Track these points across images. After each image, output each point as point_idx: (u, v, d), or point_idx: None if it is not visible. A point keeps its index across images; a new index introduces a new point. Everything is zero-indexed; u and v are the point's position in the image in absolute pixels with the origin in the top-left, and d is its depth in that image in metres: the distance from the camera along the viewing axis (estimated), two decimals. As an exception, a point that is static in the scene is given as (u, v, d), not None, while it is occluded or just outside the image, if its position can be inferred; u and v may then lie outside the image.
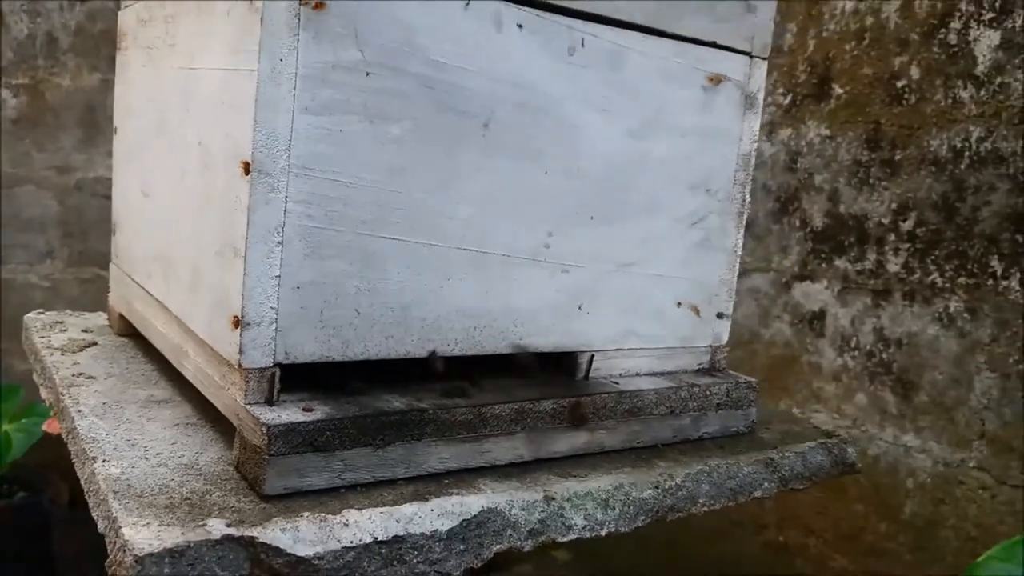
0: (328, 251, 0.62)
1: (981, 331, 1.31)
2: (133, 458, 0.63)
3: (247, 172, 0.58)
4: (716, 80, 0.75)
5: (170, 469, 0.62)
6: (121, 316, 0.91)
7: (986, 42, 1.31)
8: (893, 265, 1.42)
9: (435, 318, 0.67)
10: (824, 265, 1.52)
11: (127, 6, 0.89)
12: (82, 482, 0.64)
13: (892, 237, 1.42)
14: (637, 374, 0.78)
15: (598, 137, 0.71)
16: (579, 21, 0.68)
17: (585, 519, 0.63)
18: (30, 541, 2.09)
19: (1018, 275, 1.27)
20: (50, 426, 1.86)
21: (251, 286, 0.59)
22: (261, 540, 0.53)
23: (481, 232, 0.68)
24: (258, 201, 0.58)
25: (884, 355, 1.44)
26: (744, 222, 0.80)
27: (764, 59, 0.78)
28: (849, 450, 0.80)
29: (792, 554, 1.60)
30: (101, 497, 0.58)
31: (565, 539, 0.62)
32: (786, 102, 1.59)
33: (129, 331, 0.92)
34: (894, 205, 1.42)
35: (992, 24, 1.31)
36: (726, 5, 0.74)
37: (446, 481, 0.63)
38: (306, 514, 0.56)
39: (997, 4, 1.30)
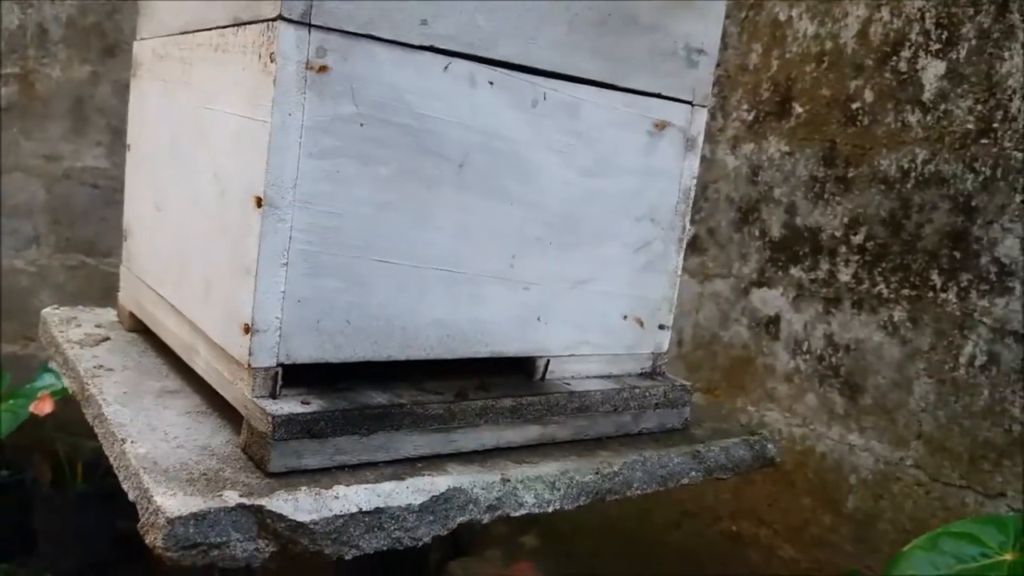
0: (325, 271, 0.77)
1: (921, 339, 1.47)
2: (155, 440, 0.78)
3: (259, 205, 0.73)
4: (661, 126, 0.91)
5: (188, 450, 0.77)
6: (131, 314, 1.06)
7: (933, 71, 1.47)
8: (844, 275, 1.58)
9: (414, 327, 0.83)
10: (780, 273, 1.69)
11: (142, 39, 1.03)
12: (111, 459, 0.79)
13: (843, 249, 1.58)
14: (587, 376, 0.94)
15: (557, 176, 0.87)
16: (541, 78, 0.84)
17: (535, 498, 0.79)
18: (13, 518, 2.23)
19: (955, 289, 1.43)
20: (37, 408, 2.00)
21: (260, 300, 0.75)
22: (268, 508, 0.68)
23: (455, 256, 0.83)
24: (268, 230, 0.74)
25: (833, 359, 1.60)
26: (684, 246, 0.96)
27: (704, 107, 0.94)
28: (769, 446, 0.96)
29: (745, 544, 1.76)
30: (132, 471, 0.73)
31: (517, 514, 0.78)
32: (750, 118, 1.75)
33: (138, 327, 1.06)
34: (846, 219, 1.58)
35: (938, 55, 1.46)
36: (671, 63, 0.90)
37: (419, 464, 0.79)
38: (304, 488, 0.71)
39: (944, 36, 1.46)
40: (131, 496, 0.73)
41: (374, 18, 0.74)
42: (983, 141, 1.40)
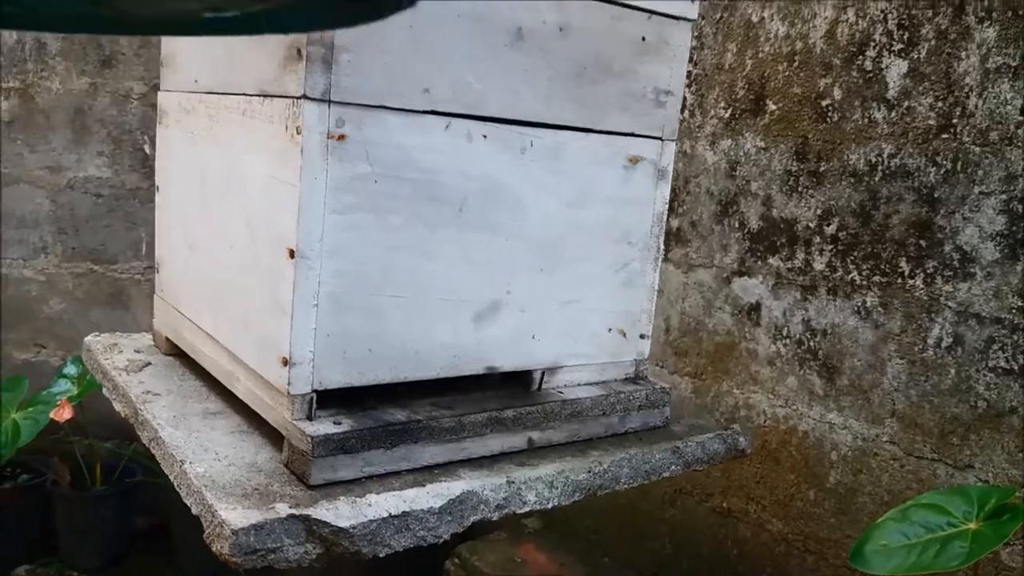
0: (348, 309, 0.92)
1: (892, 323, 1.63)
2: (209, 460, 0.93)
3: (292, 256, 0.88)
4: (635, 160, 1.06)
5: (238, 468, 0.92)
6: (167, 339, 1.21)
7: (896, 70, 1.61)
8: (819, 264, 1.73)
9: (426, 351, 0.98)
10: (759, 263, 1.84)
11: (167, 91, 1.17)
12: (172, 478, 0.94)
13: (817, 239, 1.73)
14: (578, 384, 1.10)
15: (544, 210, 1.02)
16: (529, 128, 0.99)
17: (536, 496, 0.95)
18: (36, 520, 2.40)
19: (922, 275, 1.58)
20: (57, 414, 2.15)
21: (296, 337, 0.90)
22: (314, 516, 0.84)
23: (458, 286, 0.98)
24: (300, 278, 0.89)
25: (811, 343, 1.76)
26: (659, 264, 1.12)
27: (672, 140, 1.08)
28: (740, 439, 1.12)
29: (735, 519, 1.93)
30: (195, 489, 0.88)
31: (522, 511, 0.94)
32: (727, 116, 1.90)
33: (174, 351, 1.22)
34: (819, 211, 1.73)
35: (901, 54, 1.60)
36: (641, 105, 1.05)
37: (436, 471, 0.95)
38: (342, 497, 0.87)
39: (905, 36, 1.60)
40: (194, 510, 0.88)
41: (384, 91, 0.89)
42: (944, 136, 1.54)
